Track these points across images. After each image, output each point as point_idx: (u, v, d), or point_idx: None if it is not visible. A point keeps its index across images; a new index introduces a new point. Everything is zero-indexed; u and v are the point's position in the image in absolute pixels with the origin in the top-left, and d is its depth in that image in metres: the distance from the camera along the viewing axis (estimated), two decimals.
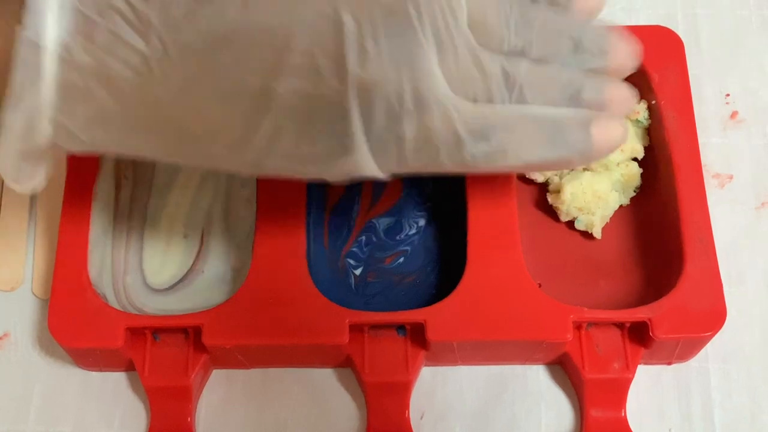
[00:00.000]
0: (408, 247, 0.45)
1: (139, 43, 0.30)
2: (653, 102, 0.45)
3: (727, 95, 0.49)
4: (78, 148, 0.33)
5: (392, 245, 0.45)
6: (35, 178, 0.34)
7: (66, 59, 0.30)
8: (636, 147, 0.45)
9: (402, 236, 0.45)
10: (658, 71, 0.45)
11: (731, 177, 0.47)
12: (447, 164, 0.33)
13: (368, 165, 0.33)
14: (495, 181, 0.43)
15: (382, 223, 0.45)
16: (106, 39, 0.30)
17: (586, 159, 0.35)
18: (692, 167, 0.43)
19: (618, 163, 0.44)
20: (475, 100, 0.33)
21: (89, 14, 0.30)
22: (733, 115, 0.48)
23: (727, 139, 0.48)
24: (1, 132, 0.31)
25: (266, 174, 0.34)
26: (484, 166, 0.34)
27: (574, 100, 0.34)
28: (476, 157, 0.33)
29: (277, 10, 0.30)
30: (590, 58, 0.35)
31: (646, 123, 0.45)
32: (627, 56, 0.35)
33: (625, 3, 0.51)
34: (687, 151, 0.43)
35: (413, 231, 0.45)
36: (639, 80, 0.45)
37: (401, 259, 0.45)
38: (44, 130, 0.31)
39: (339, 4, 0.30)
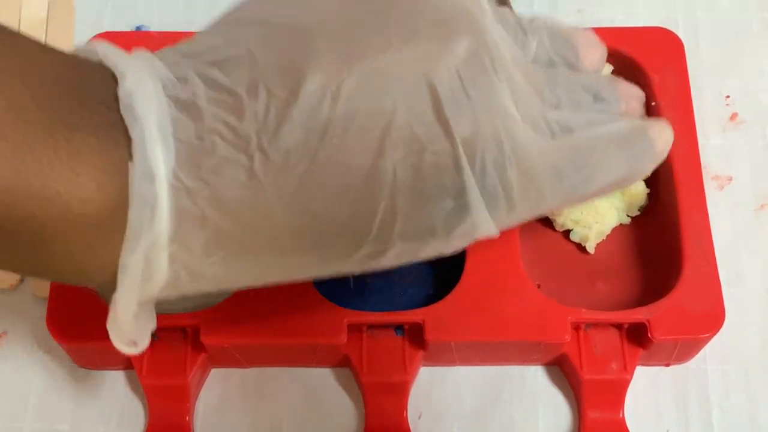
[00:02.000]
0: None
1: (242, 158, 0.30)
2: (653, 104, 0.45)
3: (727, 97, 0.49)
4: (192, 287, 0.31)
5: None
6: (145, 339, 0.32)
7: (177, 187, 0.29)
8: None
9: None
10: (658, 72, 0.45)
11: (731, 179, 0.47)
12: (550, 202, 0.34)
13: (485, 223, 0.32)
14: None
15: None
16: (209, 161, 0.29)
17: (652, 165, 0.36)
18: (692, 169, 0.43)
19: None
20: None
21: (190, 141, 0.29)
22: (733, 116, 0.48)
23: (726, 140, 0.48)
24: (121, 280, 0.29)
25: (386, 265, 0.33)
26: (580, 194, 0.34)
27: None
28: (573, 186, 0.34)
29: (369, 93, 0.30)
30: (609, 106, 0.36)
31: None
32: (637, 101, 0.38)
33: (625, 6, 0.51)
34: (686, 153, 0.43)
35: None
36: (639, 81, 0.46)
37: None
38: (162, 270, 0.30)
39: (426, 70, 0.31)
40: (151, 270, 0.30)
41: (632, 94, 0.37)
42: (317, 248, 0.32)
